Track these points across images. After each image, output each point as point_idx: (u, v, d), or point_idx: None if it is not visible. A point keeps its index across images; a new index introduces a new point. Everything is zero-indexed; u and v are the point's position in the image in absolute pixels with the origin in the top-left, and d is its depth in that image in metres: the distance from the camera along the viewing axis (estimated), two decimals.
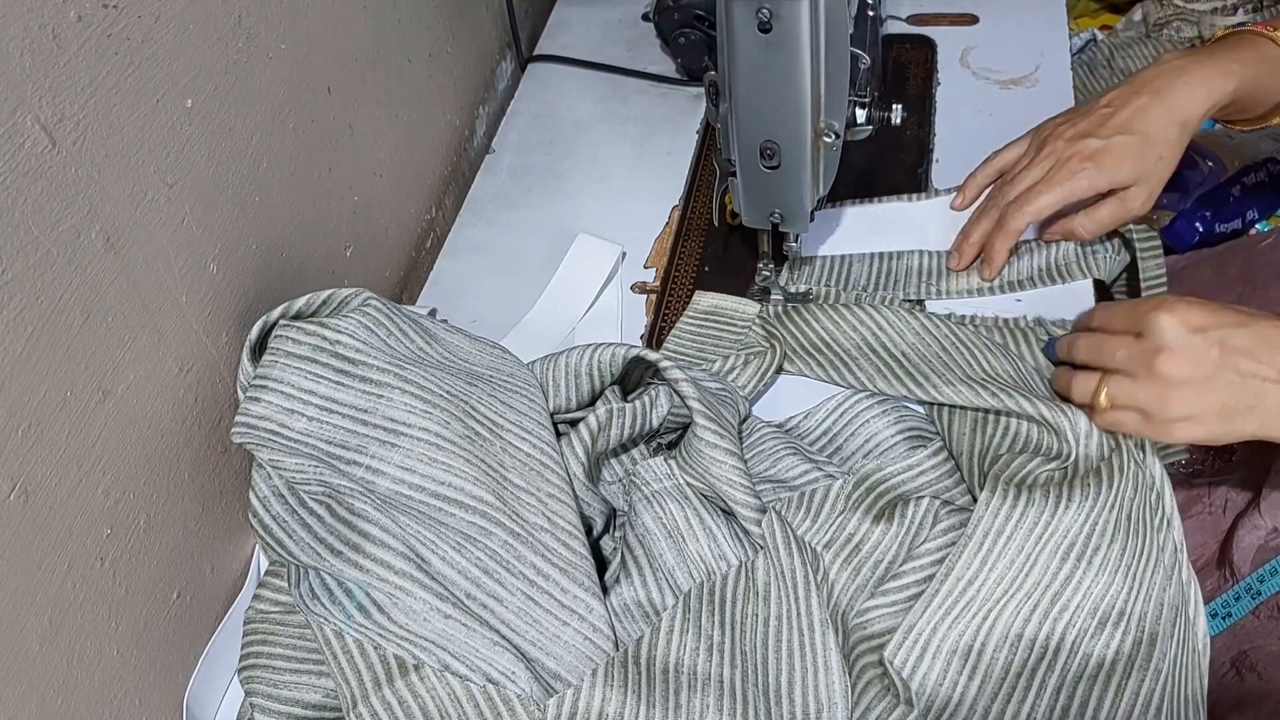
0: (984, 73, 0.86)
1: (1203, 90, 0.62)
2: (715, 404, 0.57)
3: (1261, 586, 0.60)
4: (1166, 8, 1.21)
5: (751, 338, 0.68)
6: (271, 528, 0.51)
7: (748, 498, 0.53)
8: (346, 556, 0.49)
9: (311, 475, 0.51)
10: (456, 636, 0.48)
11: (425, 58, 0.80)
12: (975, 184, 0.72)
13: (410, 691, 0.48)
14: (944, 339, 0.64)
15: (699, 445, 0.54)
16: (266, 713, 0.51)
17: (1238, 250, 0.74)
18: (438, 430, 0.53)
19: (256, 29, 0.57)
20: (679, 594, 0.53)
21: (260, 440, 0.52)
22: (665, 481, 0.56)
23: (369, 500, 0.50)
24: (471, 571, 0.50)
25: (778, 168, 0.58)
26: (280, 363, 0.53)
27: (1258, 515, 0.62)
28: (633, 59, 0.94)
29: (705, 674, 0.49)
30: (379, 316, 0.56)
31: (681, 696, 0.49)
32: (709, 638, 0.51)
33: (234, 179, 0.56)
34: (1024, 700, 0.50)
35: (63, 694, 0.46)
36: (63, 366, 0.45)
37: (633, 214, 0.80)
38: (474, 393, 0.56)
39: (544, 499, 0.53)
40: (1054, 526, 0.51)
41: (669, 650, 0.50)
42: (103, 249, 0.46)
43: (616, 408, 0.56)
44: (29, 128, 0.41)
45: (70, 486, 0.46)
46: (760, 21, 0.51)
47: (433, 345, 0.58)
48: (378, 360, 0.54)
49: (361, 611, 0.49)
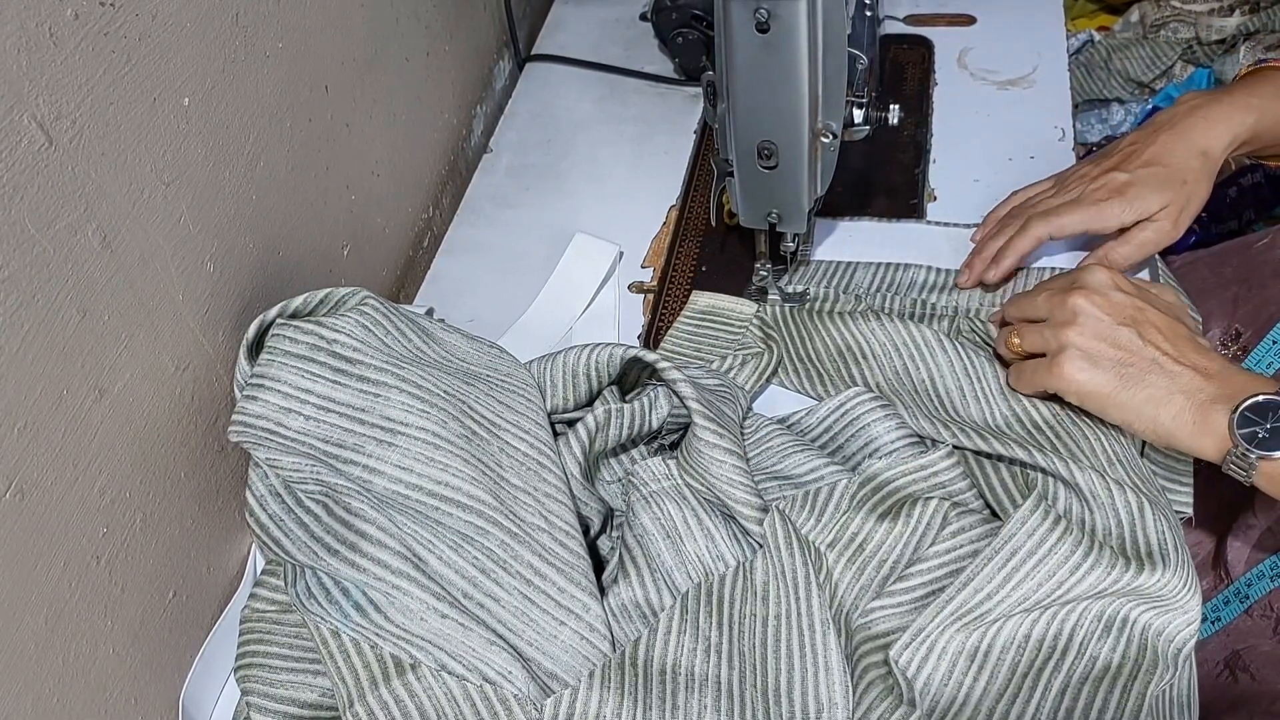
0: (981, 73, 0.86)
1: (1221, 125, 0.63)
2: (715, 402, 0.57)
3: (1249, 590, 0.61)
4: (1164, 9, 1.21)
5: (749, 338, 0.68)
6: (268, 526, 0.51)
7: (748, 496, 0.53)
8: (343, 555, 0.49)
9: (308, 474, 0.51)
10: (453, 636, 0.48)
11: (423, 57, 0.80)
12: (996, 217, 0.71)
13: (407, 691, 0.48)
14: (957, 365, 0.62)
15: (698, 445, 0.54)
16: (263, 712, 0.51)
17: (1234, 251, 0.74)
18: (435, 429, 0.53)
19: (254, 27, 0.57)
20: (677, 595, 0.53)
21: (257, 439, 0.52)
22: (663, 482, 0.56)
23: (366, 499, 0.50)
24: (468, 571, 0.49)
25: (775, 168, 0.58)
26: (277, 361, 0.53)
27: (1251, 515, 0.62)
28: (630, 59, 0.94)
29: (703, 675, 0.49)
30: (376, 316, 0.56)
31: (679, 698, 0.49)
32: (707, 639, 0.51)
33: (231, 177, 0.56)
34: (1029, 700, 0.49)
35: (58, 693, 0.46)
36: (59, 365, 0.44)
37: (630, 214, 0.80)
38: (471, 392, 0.55)
39: (541, 498, 0.53)
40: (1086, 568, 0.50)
41: (666, 651, 0.50)
42: (99, 247, 0.46)
43: (615, 408, 0.56)
44: (26, 125, 0.41)
45: (66, 485, 0.46)
46: (758, 22, 0.51)
47: (430, 345, 0.58)
48: (375, 359, 0.54)
49: (358, 611, 0.49)
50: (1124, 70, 1.19)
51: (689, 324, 0.70)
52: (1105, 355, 0.53)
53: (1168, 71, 1.19)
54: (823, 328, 0.66)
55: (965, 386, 0.61)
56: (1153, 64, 1.18)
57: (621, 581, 0.53)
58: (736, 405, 0.60)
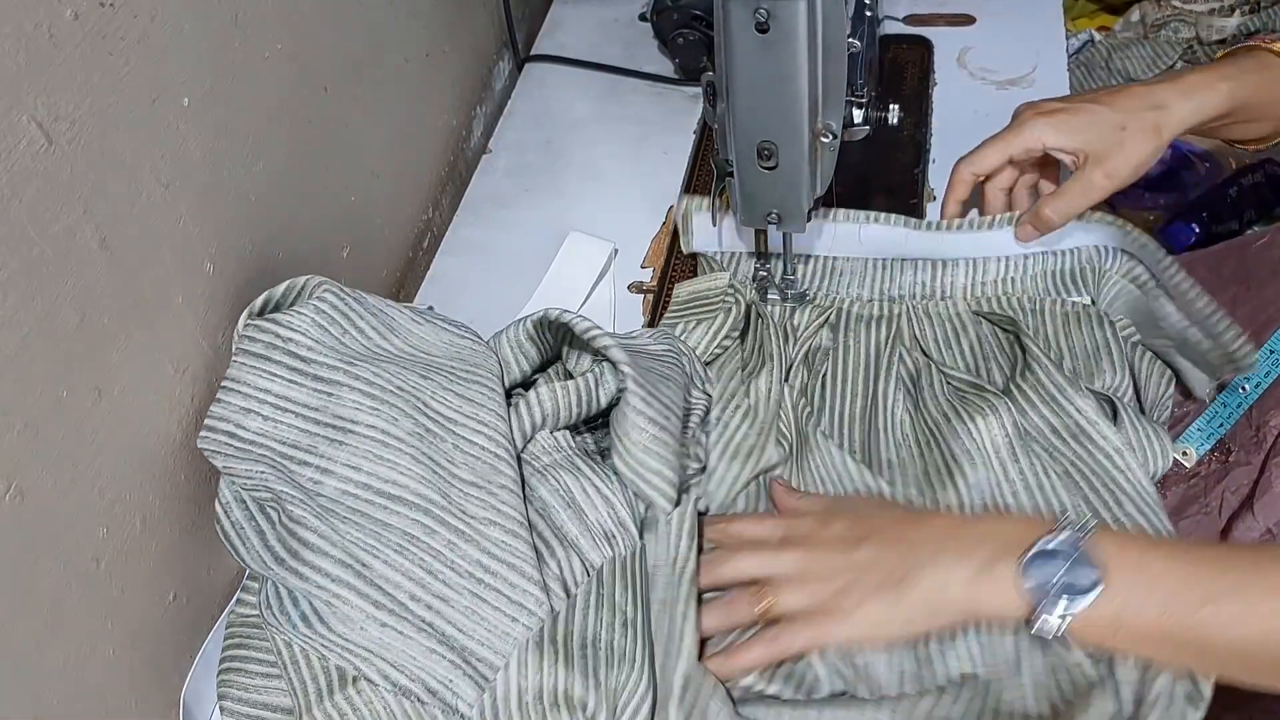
0: (981, 73, 0.86)
1: (1191, 94, 0.62)
2: (655, 368, 0.57)
3: None
4: (1164, 8, 1.21)
5: (712, 300, 0.68)
6: (230, 535, 0.51)
7: (660, 467, 0.54)
8: (288, 564, 0.49)
9: (259, 481, 0.51)
10: (393, 645, 0.48)
11: (422, 57, 0.80)
12: None
13: (349, 705, 0.49)
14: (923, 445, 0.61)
15: (623, 409, 0.55)
16: (236, 716, 0.51)
17: (1232, 251, 0.74)
18: (385, 427, 0.52)
19: (253, 28, 0.57)
20: (588, 563, 0.53)
21: (218, 445, 0.51)
22: (555, 454, 0.56)
23: (308, 507, 0.50)
24: (415, 573, 0.49)
25: (775, 168, 0.58)
26: (238, 362, 0.52)
27: (1251, 517, 0.62)
28: (630, 59, 0.94)
29: (621, 650, 0.49)
30: (333, 312, 0.55)
31: (600, 673, 0.49)
32: (623, 613, 0.51)
33: (230, 178, 0.56)
34: None
35: (58, 695, 0.46)
36: (58, 366, 0.44)
37: (630, 214, 0.80)
38: (427, 387, 0.55)
39: (495, 490, 0.52)
40: None
41: (585, 626, 0.50)
42: (98, 248, 0.46)
43: (559, 385, 0.56)
44: (24, 126, 0.41)
45: (65, 487, 0.46)
46: (758, 22, 0.51)
47: (390, 338, 0.57)
48: (328, 358, 0.53)
49: (304, 621, 0.49)
50: (1124, 70, 1.19)
51: (675, 315, 0.69)
52: (857, 591, 0.49)
53: (1168, 71, 1.19)
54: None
55: None
56: (1153, 64, 1.18)
57: (543, 561, 0.53)
58: (681, 370, 0.60)
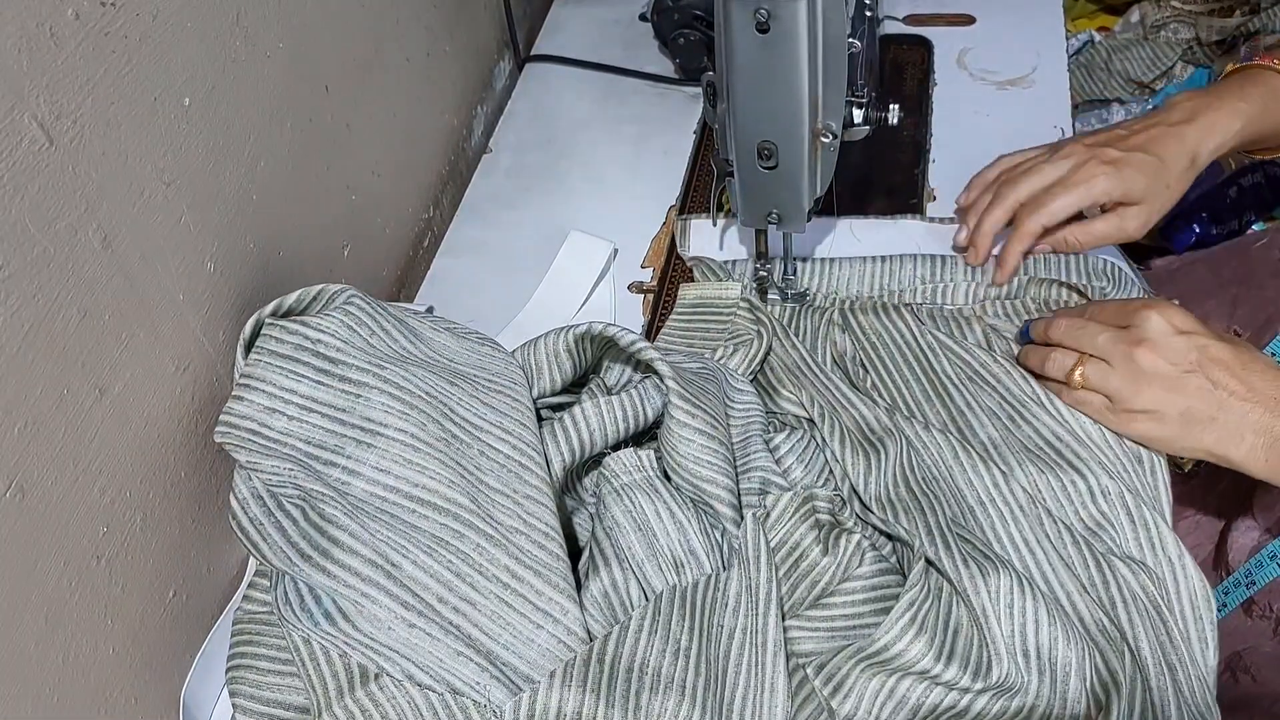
0: (981, 73, 0.86)
1: (1212, 132, 0.64)
2: (696, 381, 0.57)
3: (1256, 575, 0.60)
4: (1164, 9, 1.21)
5: (739, 324, 0.68)
6: (248, 530, 0.51)
7: (714, 475, 0.53)
8: (315, 561, 0.49)
9: (286, 478, 0.51)
10: (421, 646, 0.48)
11: (423, 57, 0.80)
12: (984, 181, 0.71)
13: (371, 700, 0.48)
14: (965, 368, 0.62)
15: (669, 424, 0.54)
16: (248, 714, 0.51)
17: (1232, 251, 0.75)
18: (414, 431, 0.52)
19: (255, 28, 0.57)
20: (647, 588, 0.52)
21: (240, 441, 0.51)
22: (635, 474, 0.55)
23: (340, 505, 0.50)
24: (444, 575, 0.49)
25: (775, 168, 0.58)
26: (263, 361, 0.53)
27: (1250, 518, 0.62)
28: (630, 59, 0.94)
29: (669, 677, 0.49)
30: (361, 315, 0.56)
31: (642, 698, 0.48)
32: (677, 641, 0.50)
33: (231, 178, 0.56)
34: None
35: (59, 692, 0.46)
36: (59, 364, 0.45)
37: (630, 214, 0.80)
38: (454, 393, 0.55)
39: (520, 500, 0.52)
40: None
41: (635, 650, 0.50)
42: (100, 247, 0.46)
43: (604, 400, 0.56)
44: (26, 125, 0.41)
45: (67, 484, 0.46)
46: (758, 22, 0.51)
47: (416, 344, 0.58)
48: (357, 360, 0.54)
49: (328, 619, 0.49)
50: (1124, 70, 1.19)
51: (681, 320, 0.69)
52: (1172, 407, 0.54)
53: (1168, 72, 1.19)
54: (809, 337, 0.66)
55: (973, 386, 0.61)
56: (1153, 64, 1.18)
57: (593, 575, 0.53)
58: (720, 386, 0.60)
